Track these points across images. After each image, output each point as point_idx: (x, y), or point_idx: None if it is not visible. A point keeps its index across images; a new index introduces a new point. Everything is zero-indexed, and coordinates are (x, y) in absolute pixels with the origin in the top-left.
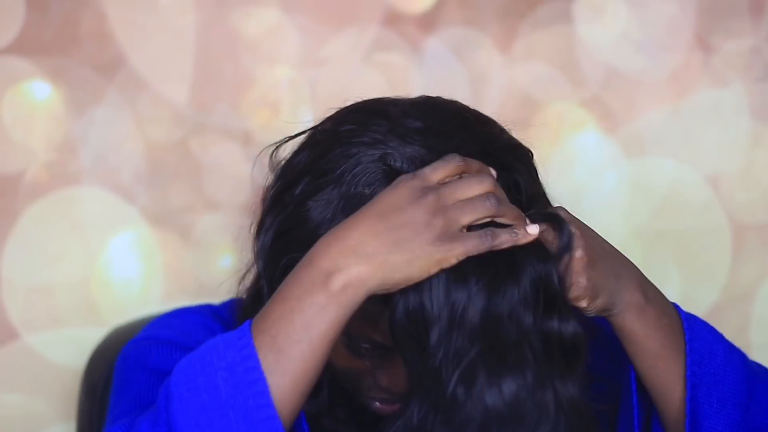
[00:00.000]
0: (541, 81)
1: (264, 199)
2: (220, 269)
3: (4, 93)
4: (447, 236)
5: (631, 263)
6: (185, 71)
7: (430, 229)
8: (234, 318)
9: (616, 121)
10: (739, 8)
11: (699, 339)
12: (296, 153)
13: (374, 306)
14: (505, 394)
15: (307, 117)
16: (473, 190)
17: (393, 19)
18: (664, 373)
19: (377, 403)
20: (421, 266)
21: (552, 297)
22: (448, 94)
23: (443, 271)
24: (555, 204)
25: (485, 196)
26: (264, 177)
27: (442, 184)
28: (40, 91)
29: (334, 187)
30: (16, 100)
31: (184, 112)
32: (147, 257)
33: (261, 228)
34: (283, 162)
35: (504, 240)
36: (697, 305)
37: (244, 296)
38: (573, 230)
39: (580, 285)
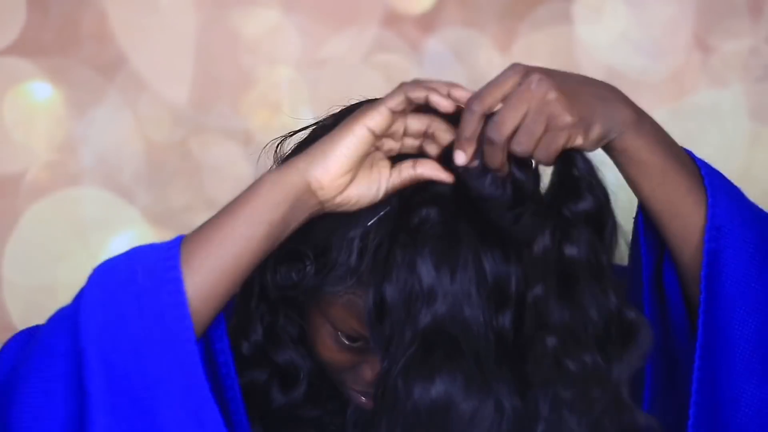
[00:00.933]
0: None
1: None
2: None
3: (5, 93)
4: (367, 106)
5: (610, 85)
6: (185, 71)
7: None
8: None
9: None
10: (738, 9)
11: (716, 175)
12: (298, 148)
13: (354, 294)
14: (433, 393)
15: (307, 117)
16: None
17: (393, 20)
18: (674, 187)
19: (362, 397)
20: (340, 132)
21: (505, 297)
22: None
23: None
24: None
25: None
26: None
27: None
28: (40, 92)
29: None
30: (16, 101)
31: (184, 112)
32: None
33: None
34: (285, 156)
35: (417, 93)
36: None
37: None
38: (537, 76)
39: (567, 122)
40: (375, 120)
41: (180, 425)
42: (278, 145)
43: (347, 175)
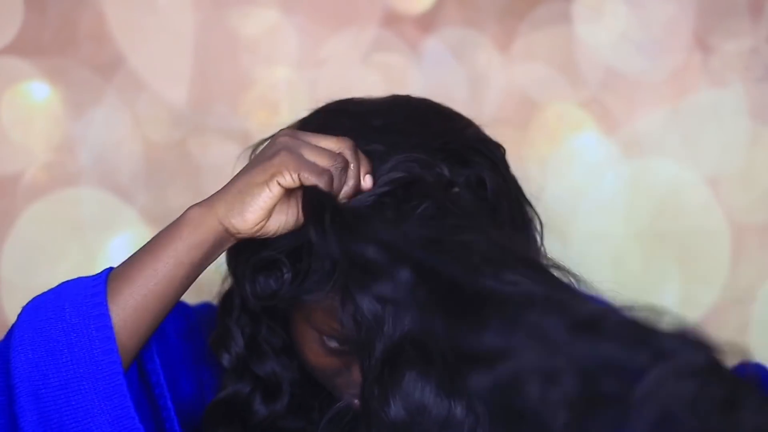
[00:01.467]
0: (540, 81)
1: None
2: (218, 269)
3: (3, 93)
4: (286, 154)
5: None
6: (184, 72)
7: (273, 154)
8: (202, 319)
9: (615, 121)
10: (738, 9)
11: None
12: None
13: (334, 299)
14: (406, 400)
15: None
16: (328, 143)
17: (392, 20)
18: None
19: (356, 400)
20: (257, 182)
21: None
22: (446, 94)
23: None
24: (532, 199)
25: (336, 152)
26: None
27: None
28: (38, 92)
29: None
30: (14, 101)
31: (182, 112)
32: None
33: None
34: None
35: (336, 181)
36: (696, 306)
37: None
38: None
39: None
40: (288, 182)
41: None
42: (251, 154)
43: (263, 221)
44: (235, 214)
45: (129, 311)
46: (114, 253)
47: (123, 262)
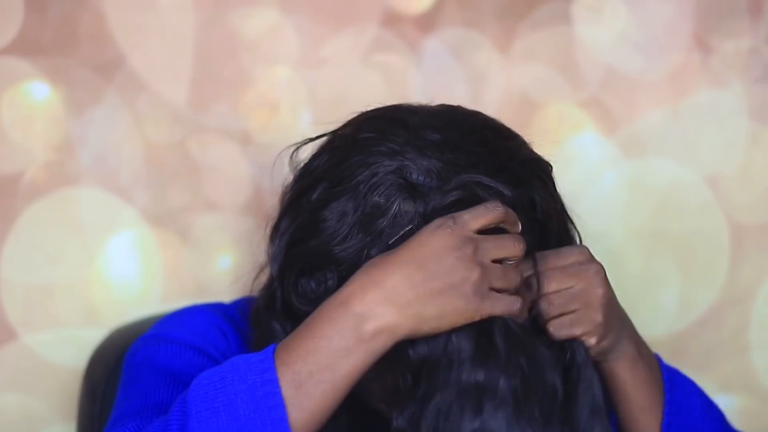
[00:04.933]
0: (539, 82)
1: (282, 199)
2: (219, 269)
3: (3, 93)
4: (480, 294)
5: (628, 317)
6: (184, 72)
7: (466, 284)
8: (245, 319)
9: (614, 121)
10: (737, 8)
11: (678, 391)
12: (315, 156)
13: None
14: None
15: (306, 118)
16: (509, 251)
17: (392, 20)
18: (646, 427)
19: (384, 405)
20: (451, 320)
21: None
22: (446, 95)
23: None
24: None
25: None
26: (263, 177)
27: (481, 236)
28: (38, 92)
29: (350, 197)
30: (14, 101)
31: (183, 112)
32: (146, 258)
33: (276, 231)
34: (302, 164)
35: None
36: (695, 306)
37: (258, 295)
38: (600, 266)
39: (596, 320)
40: (476, 318)
41: None
42: (293, 152)
43: None
44: (411, 335)
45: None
46: (114, 252)
47: (292, 377)
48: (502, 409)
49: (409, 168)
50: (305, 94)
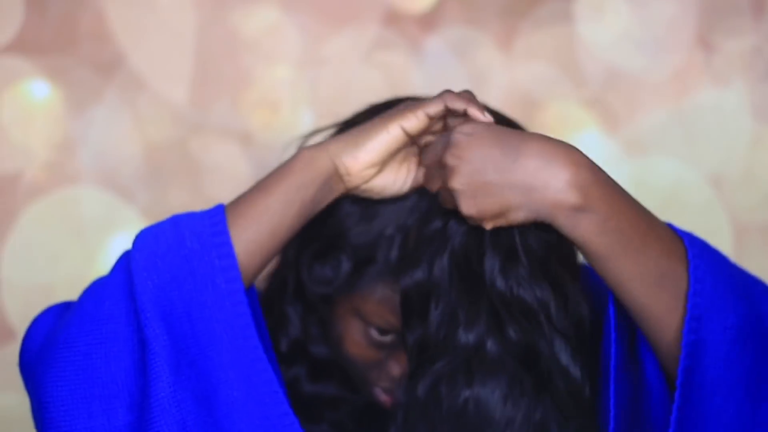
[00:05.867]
0: (541, 81)
1: None
2: None
3: (3, 92)
4: (404, 106)
5: (561, 157)
6: (184, 71)
7: (392, 111)
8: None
9: (617, 120)
10: (740, 8)
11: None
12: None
13: (387, 290)
14: (472, 398)
15: (307, 117)
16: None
17: (393, 19)
18: (616, 270)
19: (384, 395)
20: (375, 126)
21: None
22: None
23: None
24: None
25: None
26: (263, 176)
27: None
28: (39, 91)
29: None
30: (15, 100)
31: (183, 111)
32: None
33: None
34: None
35: (458, 103)
36: None
37: (264, 283)
38: (460, 137)
39: (454, 186)
40: (411, 123)
41: (235, 385)
42: (302, 144)
43: (375, 167)
44: (348, 153)
45: (242, 244)
46: (114, 251)
47: (235, 199)
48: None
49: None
50: (306, 93)
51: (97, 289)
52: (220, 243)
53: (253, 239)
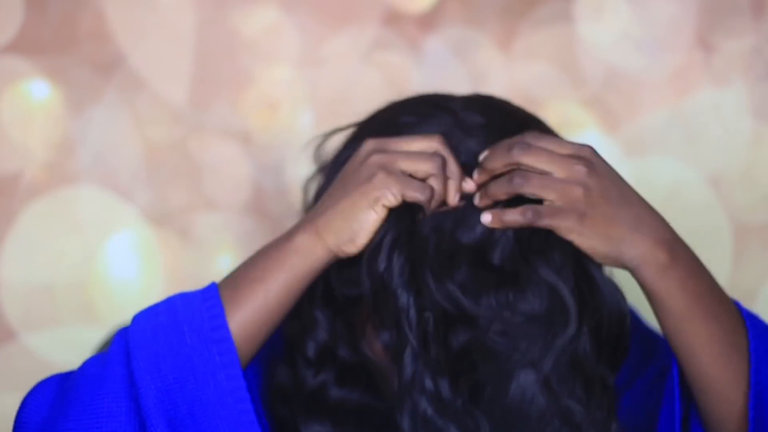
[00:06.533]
0: (541, 81)
1: (305, 192)
2: (219, 269)
3: (3, 92)
4: (384, 175)
5: (657, 218)
6: (184, 71)
7: (370, 175)
8: None
9: (616, 120)
10: (740, 7)
11: (752, 319)
12: (351, 142)
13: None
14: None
15: (306, 117)
16: (419, 145)
17: (393, 19)
18: (690, 333)
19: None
20: (361, 207)
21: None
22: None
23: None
24: None
25: (431, 153)
26: (264, 177)
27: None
28: (38, 91)
29: None
30: (14, 100)
31: (183, 111)
32: (146, 257)
33: None
34: (330, 157)
35: (438, 190)
36: None
37: None
38: (585, 169)
39: (570, 220)
40: (393, 202)
41: None
42: (320, 144)
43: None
44: (346, 242)
45: (241, 333)
46: (114, 252)
47: (229, 283)
48: None
49: (456, 149)
50: (306, 94)
51: (95, 377)
52: (220, 339)
53: (250, 329)
